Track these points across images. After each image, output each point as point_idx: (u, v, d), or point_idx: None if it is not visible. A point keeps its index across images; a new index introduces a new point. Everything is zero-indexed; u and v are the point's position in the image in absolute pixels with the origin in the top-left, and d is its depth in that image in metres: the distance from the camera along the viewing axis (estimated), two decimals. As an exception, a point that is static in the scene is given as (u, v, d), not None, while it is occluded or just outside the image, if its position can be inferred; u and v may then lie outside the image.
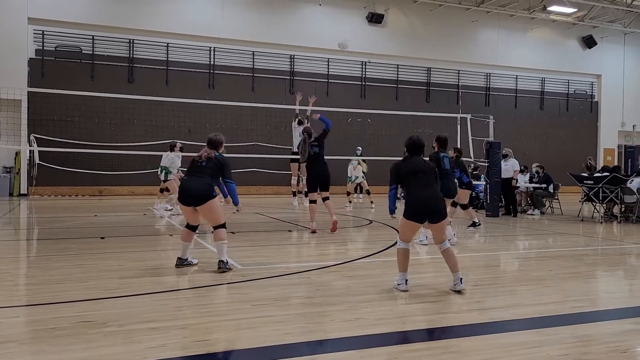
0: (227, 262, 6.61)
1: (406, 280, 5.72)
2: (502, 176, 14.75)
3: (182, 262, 6.84)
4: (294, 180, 15.93)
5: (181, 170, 13.28)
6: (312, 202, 10.67)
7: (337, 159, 17.73)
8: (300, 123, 14.97)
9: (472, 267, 7.33)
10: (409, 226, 5.81)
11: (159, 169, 13.55)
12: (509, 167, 14.90)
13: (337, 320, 4.69)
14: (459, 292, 5.60)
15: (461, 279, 5.66)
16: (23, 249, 9.00)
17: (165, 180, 13.30)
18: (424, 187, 5.74)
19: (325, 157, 10.73)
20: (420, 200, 5.70)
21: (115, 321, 4.56)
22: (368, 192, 17.83)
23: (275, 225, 11.99)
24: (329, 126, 10.64)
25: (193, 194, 6.62)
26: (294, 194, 16.46)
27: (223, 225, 6.73)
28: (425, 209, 5.70)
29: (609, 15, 27.97)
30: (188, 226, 6.87)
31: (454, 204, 10.39)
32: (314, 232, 10.33)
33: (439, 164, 8.76)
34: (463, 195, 10.71)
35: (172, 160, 13.42)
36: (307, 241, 9.92)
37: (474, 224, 11.51)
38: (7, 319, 4.66)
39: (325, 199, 10.50)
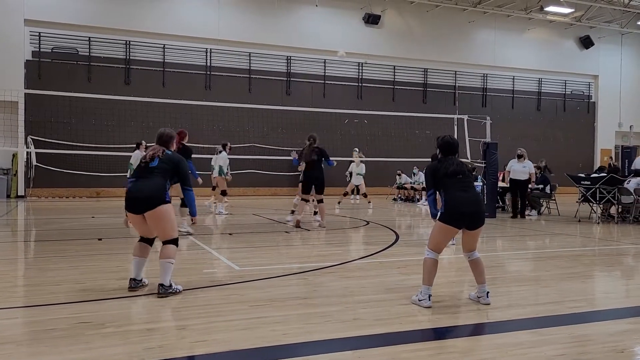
0: (170, 286, 5.44)
1: (429, 296, 5.15)
2: (515, 177, 14.38)
3: (136, 284, 5.66)
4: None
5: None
6: (305, 200, 11.69)
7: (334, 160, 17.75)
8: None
9: (469, 268, 7.32)
10: (446, 232, 5.25)
11: (216, 168, 14.44)
12: (526, 169, 14.41)
13: (335, 321, 4.70)
14: (486, 304, 5.22)
15: (488, 292, 5.27)
16: (21, 250, 8.98)
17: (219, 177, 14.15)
18: (465, 190, 5.24)
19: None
20: (462, 203, 5.17)
21: (113, 322, 4.56)
22: (365, 195, 17.85)
23: (272, 227, 11.99)
24: (331, 165, 11.66)
25: (141, 197, 5.44)
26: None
27: (174, 241, 5.55)
28: (467, 213, 5.16)
29: (606, 15, 28.05)
30: (142, 239, 5.74)
31: None
32: (297, 224, 11.33)
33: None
34: None
35: (225, 159, 14.43)
36: (304, 242, 9.92)
37: None
38: (5, 320, 4.65)
39: (319, 201, 11.64)
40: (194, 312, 4.89)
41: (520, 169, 14.42)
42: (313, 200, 12.69)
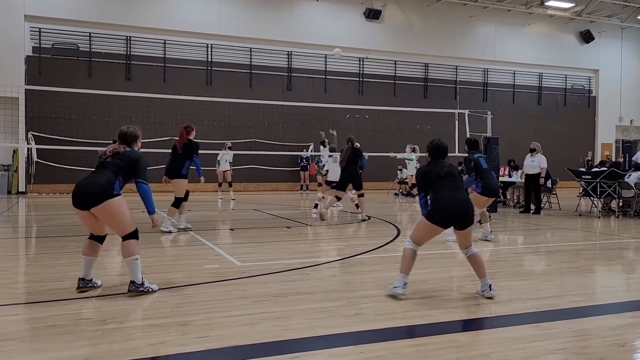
0: (142, 283, 5.26)
1: (405, 284, 5.29)
2: (527, 172, 14.07)
3: (85, 284, 5.42)
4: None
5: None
6: (339, 198, 12.23)
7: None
8: (323, 144, 15.39)
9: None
10: (430, 230, 5.35)
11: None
12: (536, 162, 13.94)
13: (337, 316, 4.70)
14: (489, 298, 5.24)
15: (490, 285, 5.30)
16: (22, 246, 9.00)
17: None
18: (454, 190, 5.34)
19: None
20: (451, 203, 5.27)
21: (114, 318, 4.57)
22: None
23: (273, 222, 12.00)
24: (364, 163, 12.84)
25: (84, 192, 5.17)
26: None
27: (133, 235, 5.30)
28: (453, 213, 5.26)
29: (606, 10, 27.99)
30: (92, 237, 5.49)
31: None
32: (322, 217, 12.05)
33: (476, 164, 8.84)
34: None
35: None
36: (306, 237, 9.93)
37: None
38: (6, 317, 4.67)
39: (360, 195, 12.42)
40: (195, 308, 4.90)
41: (530, 162, 14.10)
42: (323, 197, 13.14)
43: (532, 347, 3.98)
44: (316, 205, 12.88)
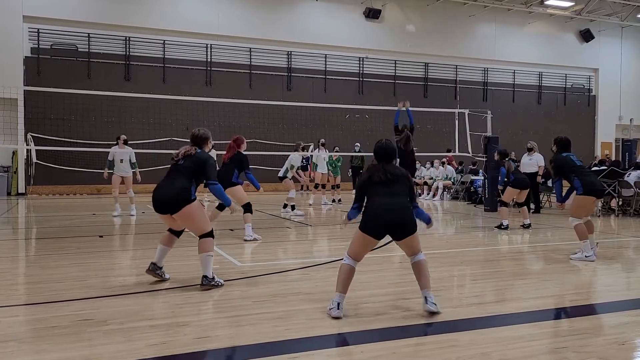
0: (213, 278, 5.62)
1: (338, 304, 4.66)
2: (525, 171, 13.89)
3: (155, 268, 5.88)
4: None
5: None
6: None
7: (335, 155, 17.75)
8: (302, 149, 14.91)
9: (471, 262, 7.35)
10: (364, 241, 4.82)
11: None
12: (533, 161, 14.07)
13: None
14: (432, 313, 4.72)
15: (427, 297, 4.75)
16: (22, 248, 9.00)
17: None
18: (390, 197, 4.79)
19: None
20: (384, 211, 4.74)
21: (115, 319, 4.57)
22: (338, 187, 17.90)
23: (273, 222, 12.00)
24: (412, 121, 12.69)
25: (165, 200, 5.54)
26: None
27: (209, 234, 5.68)
28: (389, 222, 4.73)
29: (606, 8, 27.99)
30: (171, 230, 5.91)
31: (503, 204, 10.91)
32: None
33: (571, 164, 7.70)
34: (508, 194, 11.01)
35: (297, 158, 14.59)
36: (306, 238, 9.93)
37: (524, 225, 11.08)
38: (7, 318, 4.66)
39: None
40: (196, 309, 4.90)
41: (528, 161, 14.17)
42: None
43: (532, 346, 3.98)
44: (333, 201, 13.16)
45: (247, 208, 9.24)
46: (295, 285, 5.93)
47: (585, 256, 7.41)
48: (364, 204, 4.93)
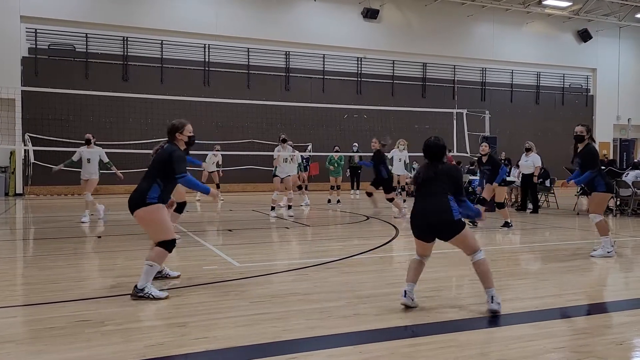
0: (142, 289, 5.12)
1: (405, 292, 4.85)
2: (523, 172, 14.19)
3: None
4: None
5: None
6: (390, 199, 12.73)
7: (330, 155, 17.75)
8: (284, 141, 14.27)
9: (469, 262, 7.33)
10: (417, 241, 5.01)
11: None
12: (530, 162, 14.10)
13: (335, 316, 4.70)
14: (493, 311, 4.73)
15: (493, 296, 4.75)
16: (19, 248, 8.98)
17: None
18: (428, 198, 4.85)
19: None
20: (421, 215, 4.86)
21: (112, 320, 4.56)
22: (338, 187, 17.81)
23: (271, 223, 11.99)
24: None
25: (129, 201, 5.34)
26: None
27: (165, 245, 5.23)
28: (428, 225, 4.84)
29: (603, 8, 28.02)
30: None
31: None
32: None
33: (598, 158, 7.68)
34: (488, 192, 10.94)
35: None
36: (304, 238, 9.93)
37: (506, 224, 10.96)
38: (4, 319, 4.65)
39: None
40: (194, 309, 4.89)
41: (524, 162, 14.26)
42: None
43: (531, 346, 3.98)
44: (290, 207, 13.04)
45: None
46: (294, 285, 5.92)
47: (607, 252, 7.53)
48: None
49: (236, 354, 3.88)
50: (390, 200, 12.71)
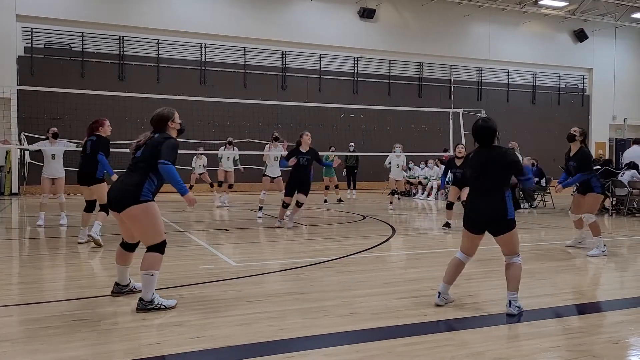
0: (151, 301, 4.74)
1: (439, 293, 4.93)
2: None
3: (120, 290, 5.26)
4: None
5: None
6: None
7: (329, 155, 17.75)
8: (276, 139, 13.70)
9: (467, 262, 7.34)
10: (467, 236, 4.99)
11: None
12: None
13: (332, 316, 4.70)
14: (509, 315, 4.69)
15: (510, 301, 4.71)
16: (15, 248, 8.96)
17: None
18: (482, 193, 4.81)
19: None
20: (477, 208, 4.82)
21: (109, 319, 4.55)
22: (336, 187, 17.79)
23: (268, 222, 11.98)
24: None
25: (113, 195, 4.86)
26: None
27: (157, 248, 4.84)
28: (482, 221, 4.82)
29: (599, 8, 28.08)
30: (123, 244, 5.15)
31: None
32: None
33: (591, 160, 7.85)
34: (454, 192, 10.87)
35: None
36: (301, 237, 9.92)
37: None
38: (0, 318, 4.64)
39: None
40: (190, 308, 4.89)
41: None
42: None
43: (527, 345, 3.99)
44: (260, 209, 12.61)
45: (104, 207, 8.30)
46: (290, 284, 5.93)
47: (602, 251, 7.77)
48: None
49: (233, 353, 3.87)
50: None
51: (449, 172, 11.14)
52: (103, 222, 8.36)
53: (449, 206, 10.80)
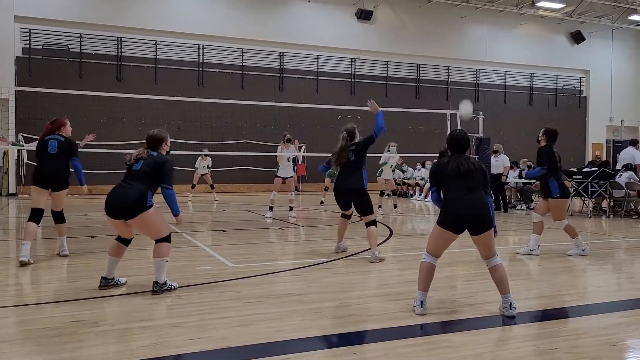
0: (165, 283, 5.47)
1: (422, 302, 4.80)
2: (492, 172, 14.67)
3: (107, 283, 5.62)
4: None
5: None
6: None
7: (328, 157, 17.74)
8: (288, 141, 13.10)
9: (463, 263, 7.36)
10: (442, 237, 4.89)
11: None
12: (499, 163, 14.88)
13: (330, 317, 4.70)
14: (510, 317, 4.71)
15: (511, 303, 4.75)
16: (12, 249, 8.94)
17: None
18: (468, 191, 4.81)
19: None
20: (463, 206, 4.78)
21: (106, 320, 4.55)
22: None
23: (266, 223, 11.98)
24: (378, 131, 8.59)
25: (120, 206, 5.38)
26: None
27: (166, 239, 5.53)
28: (468, 218, 4.78)
29: (596, 10, 28.15)
30: (119, 239, 5.67)
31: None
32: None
33: (553, 159, 7.83)
34: None
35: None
36: (298, 238, 9.92)
37: None
38: (-3, 320, 4.63)
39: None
40: (187, 310, 4.88)
41: (494, 163, 14.92)
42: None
43: (525, 347, 3.99)
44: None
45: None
46: (288, 286, 5.92)
47: (582, 250, 7.83)
48: (442, 198, 4.99)
49: (230, 354, 3.87)
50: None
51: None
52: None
53: None
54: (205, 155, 17.77)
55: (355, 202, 7.70)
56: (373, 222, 7.51)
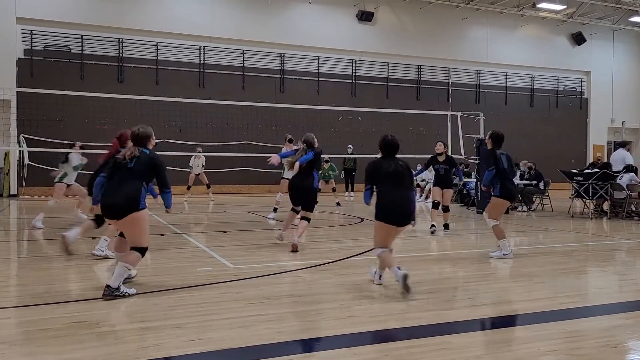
0: (118, 288, 5.22)
1: (380, 276, 5.87)
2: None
3: (111, 292, 5.33)
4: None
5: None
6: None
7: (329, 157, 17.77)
8: (290, 141, 13.18)
9: (464, 264, 7.36)
10: (386, 230, 5.74)
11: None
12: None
13: (330, 318, 4.70)
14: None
15: (381, 275, 5.88)
16: (13, 249, 8.95)
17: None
18: (400, 189, 5.71)
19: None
20: (398, 202, 5.67)
21: (107, 321, 4.55)
22: (333, 190, 17.77)
23: (266, 224, 11.98)
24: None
25: (117, 203, 5.34)
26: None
27: (142, 250, 5.39)
28: (402, 212, 5.69)
29: (597, 12, 28.15)
30: (122, 234, 5.70)
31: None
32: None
33: (496, 162, 7.86)
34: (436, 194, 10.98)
35: None
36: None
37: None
38: (-2, 321, 4.64)
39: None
40: (188, 311, 4.88)
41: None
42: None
43: (525, 349, 3.99)
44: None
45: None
46: (288, 287, 5.93)
47: (504, 254, 7.69)
48: (377, 196, 5.81)
49: (231, 355, 3.87)
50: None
51: (431, 166, 11.26)
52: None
53: (436, 206, 10.84)
54: (199, 154, 17.82)
55: (302, 198, 8.61)
56: (308, 219, 8.56)
